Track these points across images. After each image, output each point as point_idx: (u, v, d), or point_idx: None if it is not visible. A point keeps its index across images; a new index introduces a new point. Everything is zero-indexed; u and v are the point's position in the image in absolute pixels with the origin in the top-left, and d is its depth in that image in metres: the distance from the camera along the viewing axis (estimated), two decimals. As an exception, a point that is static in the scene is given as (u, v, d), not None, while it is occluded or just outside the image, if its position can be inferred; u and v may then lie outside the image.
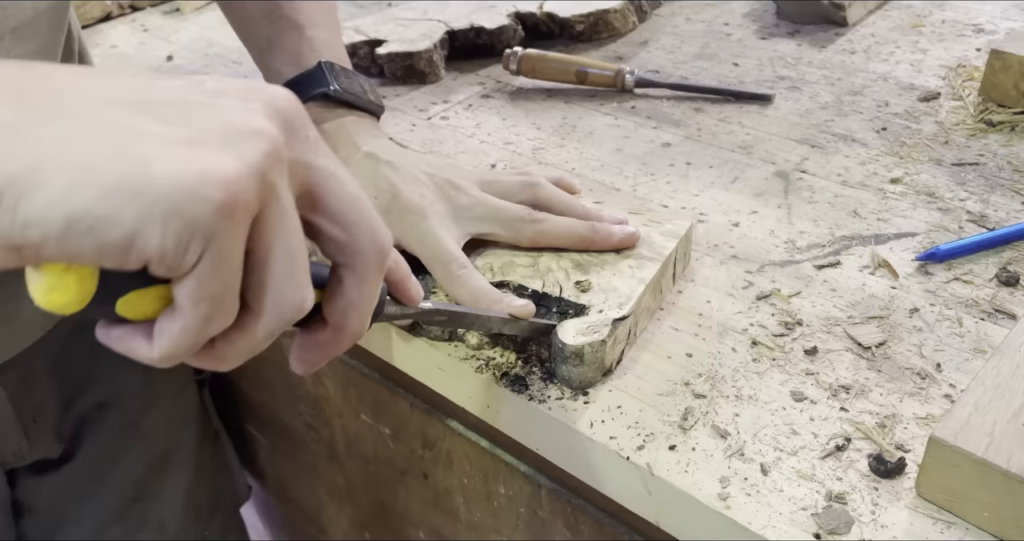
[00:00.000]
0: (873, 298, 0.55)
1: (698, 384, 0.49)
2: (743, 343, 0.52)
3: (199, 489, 0.84)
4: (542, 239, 0.54)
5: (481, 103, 0.81)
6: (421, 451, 0.70)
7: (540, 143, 0.74)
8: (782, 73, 0.82)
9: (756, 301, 0.55)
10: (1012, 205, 0.62)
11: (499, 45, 0.87)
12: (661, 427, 0.47)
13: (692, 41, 0.90)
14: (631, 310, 0.50)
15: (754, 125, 0.74)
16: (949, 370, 0.49)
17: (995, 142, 0.69)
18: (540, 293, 0.52)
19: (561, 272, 0.53)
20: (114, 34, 1.02)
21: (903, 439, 0.45)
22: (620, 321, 0.49)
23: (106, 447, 0.75)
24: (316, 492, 0.95)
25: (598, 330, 0.49)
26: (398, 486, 0.77)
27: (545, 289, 0.52)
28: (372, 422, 0.74)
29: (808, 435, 0.46)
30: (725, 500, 0.43)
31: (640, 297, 0.51)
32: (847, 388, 0.49)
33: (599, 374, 0.50)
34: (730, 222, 0.63)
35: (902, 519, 0.41)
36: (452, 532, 0.74)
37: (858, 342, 0.51)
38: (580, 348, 0.48)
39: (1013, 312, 0.53)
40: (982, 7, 0.91)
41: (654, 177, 0.68)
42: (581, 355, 0.48)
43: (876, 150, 0.70)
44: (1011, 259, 0.57)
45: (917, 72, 0.80)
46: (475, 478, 0.66)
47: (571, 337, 0.48)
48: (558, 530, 0.61)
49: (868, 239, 0.60)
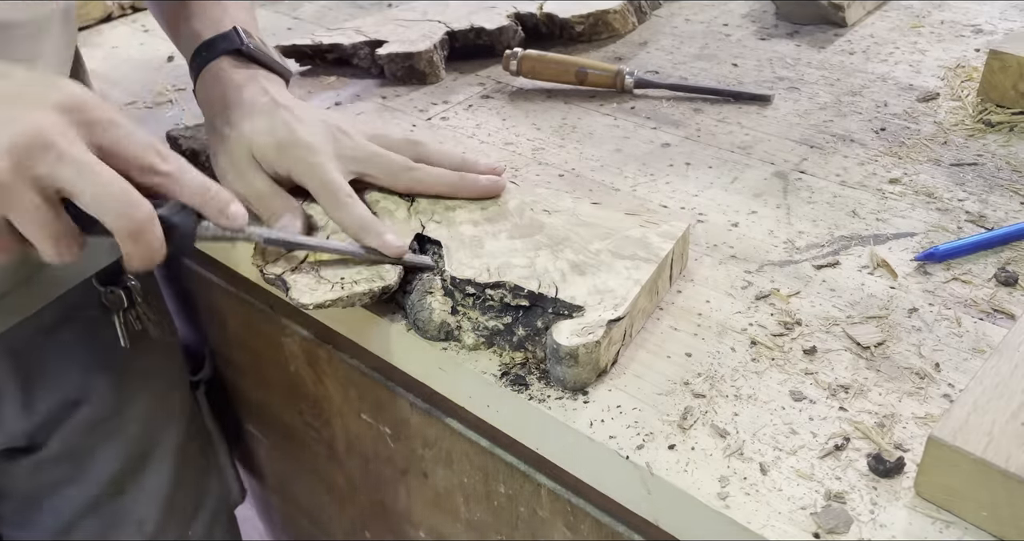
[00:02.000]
0: (872, 298, 0.55)
1: (697, 384, 0.50)
2: (742, 343, 0.52)
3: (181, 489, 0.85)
4: (416, 186, 0.60)
5: (481, 104, 0.81)
6: (421, 451, 0.70)
7: (540, 143, 0.74)
8: (781, 74, 0.82)
9: (755, 301, 0.55)
10: (1011, 205, 0.62)
11: (499, 46, 0.87)
12: (660, 426, 0.47)
13: (691, 42, 0.90)
14: (626, 311, 0.50)
15: (753, 125, 0.75)
16: (948, 370, 0.49)
17: (994, 142, 0.69)
18: (536, 293, 0.51)
19: (557, 273, 0.53)
20: (115, 34, 1.02)
21: (902, 439, 0.45)
22: (615, 322, 0.49)
23: (76, 442, 0.76)
24: (316, 492, 0.95)
25: (593, 331, 0.48)
26: (398, 486, 0.77)
27: (540, 290, 0.51)
28: (372, 422, 0.75)
29: (807, 435, 0.46)
30: (724, 499, 0.43)
31: (636, 298, 0.51)
32: (846, 388, 0.49)
33: (593, 375, 0.50)
34: (729, 222, 0.63)
35: (901, 518, 0.42)
36: (452, 531, 0.74)
37: (857, 342, 0.52)
38: (575, 349, 0.48)
39: (1012, 312, 0.53)
40: (981, 8, 0.91)
41: (653, 177, 0.68)
42: (576, 356, 0.48)
43: (875, 150, 0.70)
44: (1010, 259, 0.57)
45: (916, 73, 0.80)
46: (475, 477, 0.66)
47: (565, 338, 0.48)
48: (558, 530, 0.61)
49: (867, 239, 0.60)
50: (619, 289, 0.51)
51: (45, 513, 0.77)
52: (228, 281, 0.82)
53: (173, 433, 0.84)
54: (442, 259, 0.55)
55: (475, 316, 0.53)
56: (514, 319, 0.52)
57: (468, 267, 0.54)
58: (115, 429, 0.78)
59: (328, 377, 0.76)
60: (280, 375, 0.82)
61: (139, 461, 0.81)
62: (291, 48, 0.88)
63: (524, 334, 0.51)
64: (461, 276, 0.53)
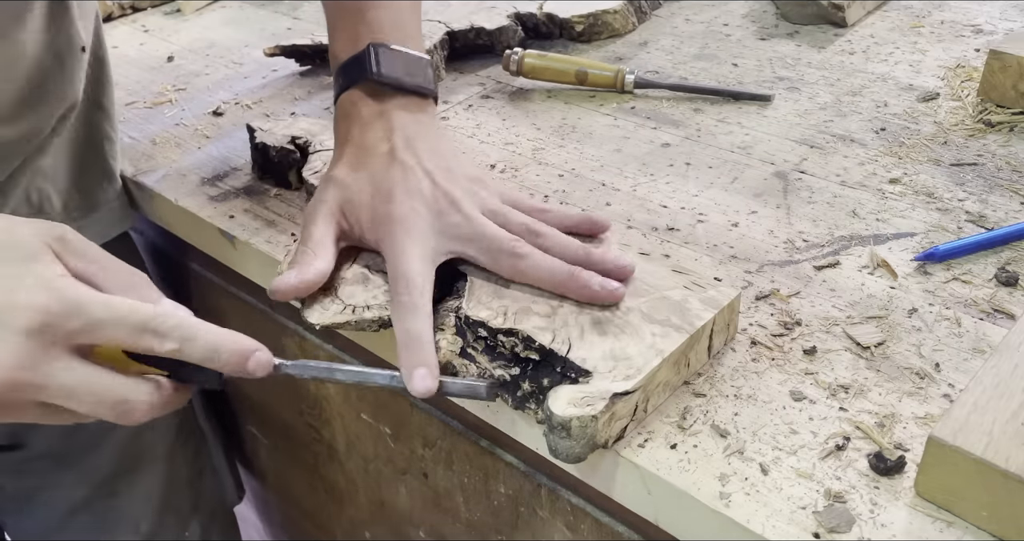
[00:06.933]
0: (872, 298, 0.55)
1: (697, 383, 0.50)
2: (742, 343, 0.52)
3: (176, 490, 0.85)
4: (519, 277, 0.51)
5: (481, 104, 0.81)
6: (421, 450, 0.70)
7: (540, 143, 0.74)
8: (781, 74, 0.82)
9: (755, 301, 0.55)
10: (1011, 205, 0.62)
11: (499, 46, 0.87)
12: (661, 426, 0.47)
13: (691, 42, 0.90)
14: (637, 385, 0.44)
15: (753, 126, 0.75)
16: (948, 370, 0.49)
17: (994, 142, 0.69)
18: (546, 349, 0.47)
19: (576, 328, 0.48)
20: (115, 35, 1.02)
21: (902, 439, 0.45)
22: (621, 396, 0.44)
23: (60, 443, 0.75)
24: (316, 492, 0.95)
25: (593, 403, 0.43)
26: (398, 486, 0.77)
27: (552, 345, 0.46)
28: (372, 422, 0.75)
29: (807, 434, 0.46)
30: (725, 499, 0.43)
31: (653, 371, 0.45)
32: (846, 388, 0.49)
33: (588, 450, 0.44)
34: (729, 222, 0.63)
35: (901, 518, 0.42)
36: (452, 531, 0.74)
37: (857, 342, 0.52)
38: (567, 420, 0.43)
39: (1012, 312, 0.53)
40: (981, 8, 0.91)
41: (653, 177, 0.69)
42: (568, 428, 0.43)
43: (875, 150, 0.70)
44: (1010, 259, 0.57)
45: (916, 73, 0.80)
46: (475, 477, 0.66)
47: (561, 406, 0.43)
48: (558, 530, 0.61)
49: (867, 239, 0.60)
50: (637, 358, 0.46)
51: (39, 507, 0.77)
52: (228, 281, 0.82)
53: (164, 436, 0.84)
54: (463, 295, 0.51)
55: (483, 362, 0.49)
56: (522, 372, 0.47)
57: (485, 308, 0.50)
58: (104, 431, 0.78)
59: (328, 377, 0.76)
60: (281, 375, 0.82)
61: (132, 462, 0.81)
62: (291, 48, 0.88)
63: (528, 390, 0.47)
64: (475, 317, 0.49)
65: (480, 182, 0.56)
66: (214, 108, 0.84)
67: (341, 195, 0.55)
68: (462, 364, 0.49)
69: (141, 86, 0.90)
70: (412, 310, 0.49)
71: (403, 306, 0.49)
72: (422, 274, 0.50)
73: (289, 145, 0.69)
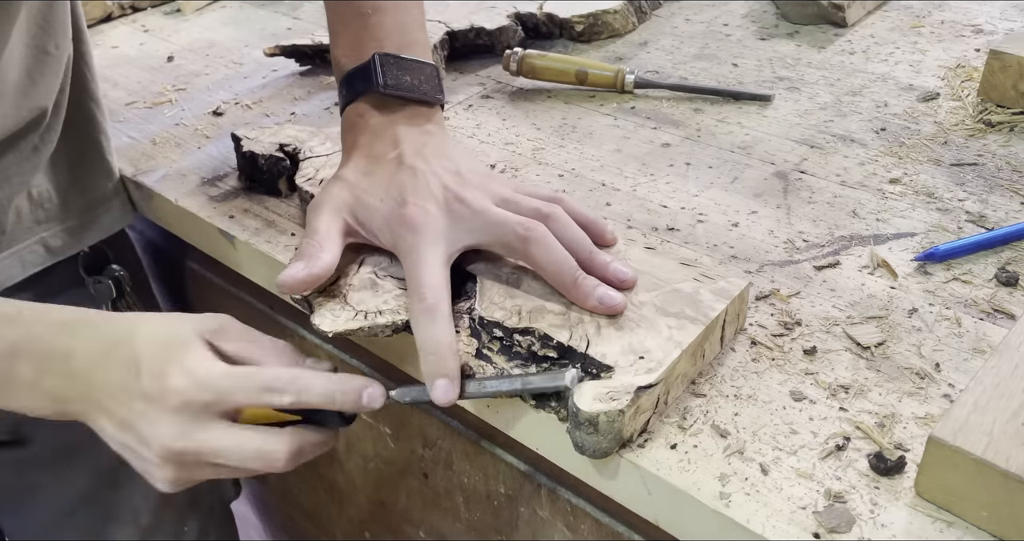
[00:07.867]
0: (872, 298, 0.55)
1: (698, 384, 0.50)
2: (742, 343, 0.52)
3: None
4: (528, 262, 0.52)
5: (481, 104, 0.81)
6: (421, 451, 0.70)
7: (540, 143, 0.74)
8: (781, 74, 0.82)
9: (755, 301, 0.55)
10: (1011, 205, 0.62)
11: (499, 45, 0.87)
12: (661, 426, 0.47)
13: (692, 42, 0.90)
14: (660, 378, 0.45)
15: (753, 125, 0.75)
16: (948, 370, 0.49)
17: (994, 142, 0.69)
18: (564, 346, 0.47)
19: (592, 325, 0.48)
20: (115, 35, 1.02)
21: (902, 439, 0.45)
22: (645, 389, 0.44)
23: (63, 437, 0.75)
24: (316, 492, 0.95)
25: (618, 397, 0.44)
26: (398, 486, 0.77)
27: (570, 342, 0.47)
28: (372, 422, 0.75)
29: (807, 434, 0.46)
30: (725, 499, 0.43)
31: (673, 364, 0.46)
32: (846, 388, 0.49)
33: (615, 445, 0.45)
34: (729, 222, 0.63)
35: (901, 518, 0.42)
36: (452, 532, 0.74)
37: (857, 342, 0.52)
38: (595, 416, 0.43)
39: (1012, 312, 0.53)
40: (981, 8, 0.91)
41: (654, 177, 0.69)
42: (596, 424, 0.44)
43: (875, 150, 0.70)
44: (1010, 259, 0.57)
45: (916, 73, 0.80)
46: (475, 477, 0.66)
47: (587, 402, 0.44)
48: (558, 530, 0.61)
49: (867, 239, 0.60)
50: (657, 351, 0.46)
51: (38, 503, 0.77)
52: (228, 281, 0.82)
53: None
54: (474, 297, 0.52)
55: (500, 362, 0.49)
56: (540, 370, 0.48)
57: (499, 308, 0.50)
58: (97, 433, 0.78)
59: (328, 377, 0.76)
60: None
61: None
62: (291, 48, 0.88)
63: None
64: (490, 317, 0.49)
65: (491, 177, 0.57)
66: (214, 108, 0.84)
67: (350, 193, 0.55)
68: (479, 365, 0.49)
69: (141, 86, 0.90)
70: (432, 317, 0.49)
71: (423, 313, 0.49)
72: (440, 279, 0.50)
73: (278, 153, 0.68)
